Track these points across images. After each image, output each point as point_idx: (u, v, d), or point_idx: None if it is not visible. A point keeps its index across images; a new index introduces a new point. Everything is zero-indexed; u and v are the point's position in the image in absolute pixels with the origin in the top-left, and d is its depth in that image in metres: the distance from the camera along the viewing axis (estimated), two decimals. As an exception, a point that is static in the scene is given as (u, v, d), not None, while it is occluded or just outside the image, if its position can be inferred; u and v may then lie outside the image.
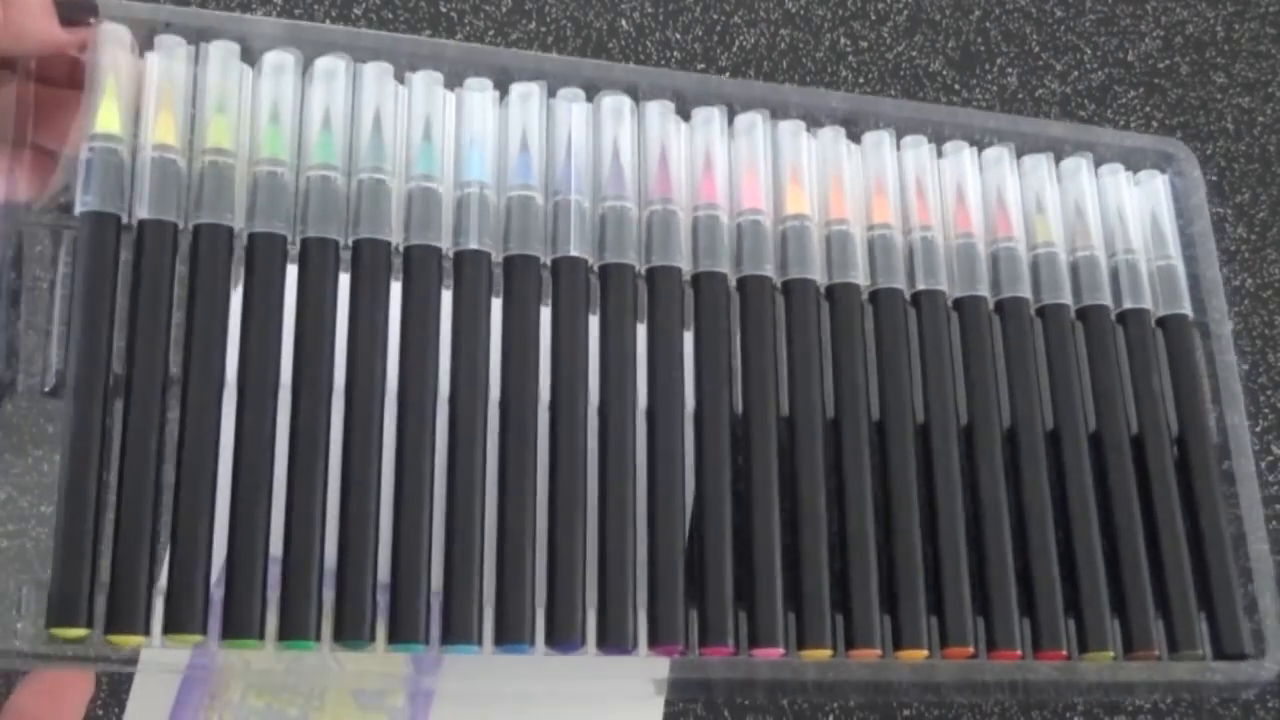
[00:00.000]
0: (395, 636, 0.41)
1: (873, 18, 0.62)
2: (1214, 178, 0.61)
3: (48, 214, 0.43)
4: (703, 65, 0.60)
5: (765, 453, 0.45)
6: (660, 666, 0.44)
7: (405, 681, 0.44)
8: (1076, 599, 0.47)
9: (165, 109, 0.43)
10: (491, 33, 0.59)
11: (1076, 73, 0.63)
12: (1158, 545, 0.49)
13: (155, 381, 0.41)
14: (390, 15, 0.60)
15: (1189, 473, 0.50)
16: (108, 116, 0.42)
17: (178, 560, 0.40)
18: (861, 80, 0.60)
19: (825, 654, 0.44)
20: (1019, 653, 0.46)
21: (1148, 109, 0.62)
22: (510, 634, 0.42)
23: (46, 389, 0.42)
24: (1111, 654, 0.47)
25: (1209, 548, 0.49)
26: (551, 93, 0.47)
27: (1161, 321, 0.52)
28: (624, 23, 0.59)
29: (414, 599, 0.41)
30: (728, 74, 0.61)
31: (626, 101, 0.48)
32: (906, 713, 0.47)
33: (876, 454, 0.47)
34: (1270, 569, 0.49)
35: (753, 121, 0.49)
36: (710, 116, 0.48)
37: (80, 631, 0.39)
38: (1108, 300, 0.51)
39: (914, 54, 0.61)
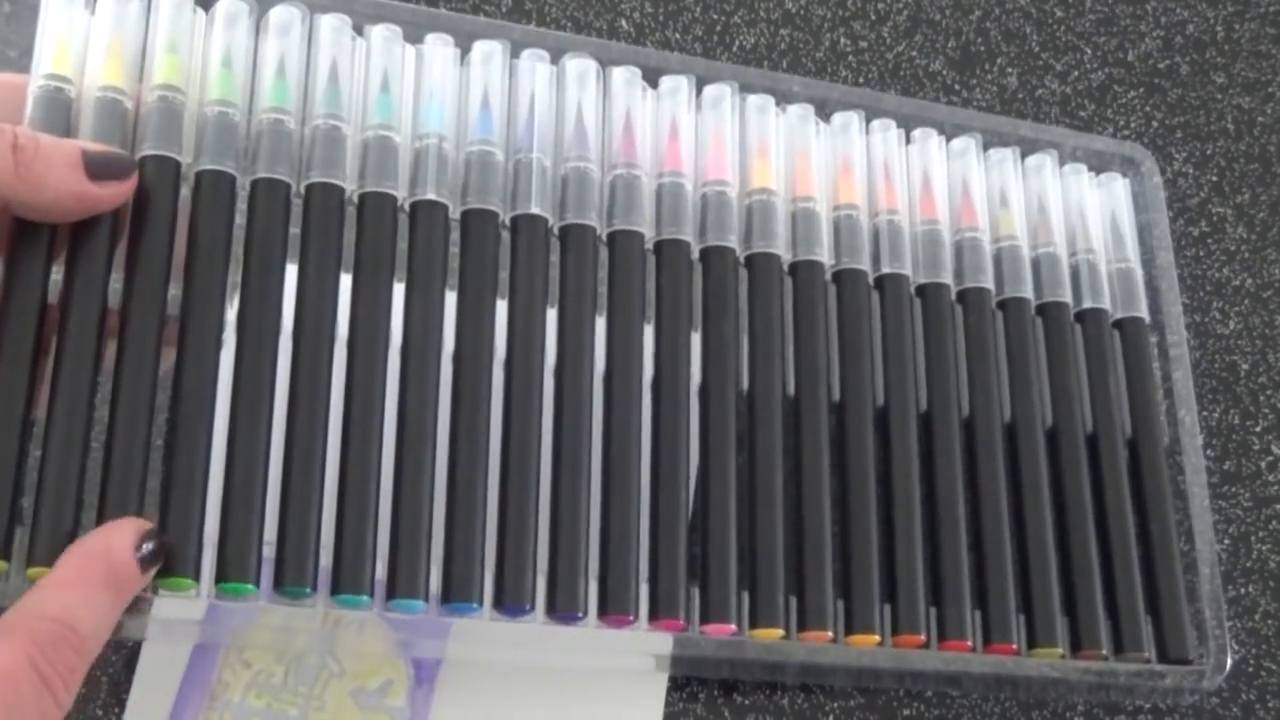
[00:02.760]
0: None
1: (873, 18, 0.61)
2: (1214, 178, 0.60)
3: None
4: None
5: (723, 421, 0.43)
6: (662, 643, 0.42)
7: (405, 682, 0.43)
8: (1028, 595, 0.45)
9: (114, 53, 0.40)
10: None
11: (1076, 73, 0.61)
12: (1109, 546, 0.47)
13: (91, 318, 0.38)
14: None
15: (1140, 475, 0.48)
16: (57, 61, 0.39)
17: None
18: (861, 80, 0.59)
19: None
20: (969, 644, 0.44)
21: (1148, 109, 0.61)
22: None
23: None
24: (1060, 652, 0.45)
25: (1157, 552, 0.47)
26: (515, 53, 0.45)
27: (1118, 323, 0.50)
28: (624, 23, 0.57)
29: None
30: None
31: (592, 65, 0.45)
32: (907, 712, 0.45)
33: (834, 437, 0.44)
34: (1217, 576, 0.48)
35: (720, 94, 0.47)
36: (678, 85, 0.46)
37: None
38: (1068, 298, 0.49)
39: (914, 54, 0.60)
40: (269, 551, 0.38)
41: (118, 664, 0.43)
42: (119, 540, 0.35)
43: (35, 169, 0.36)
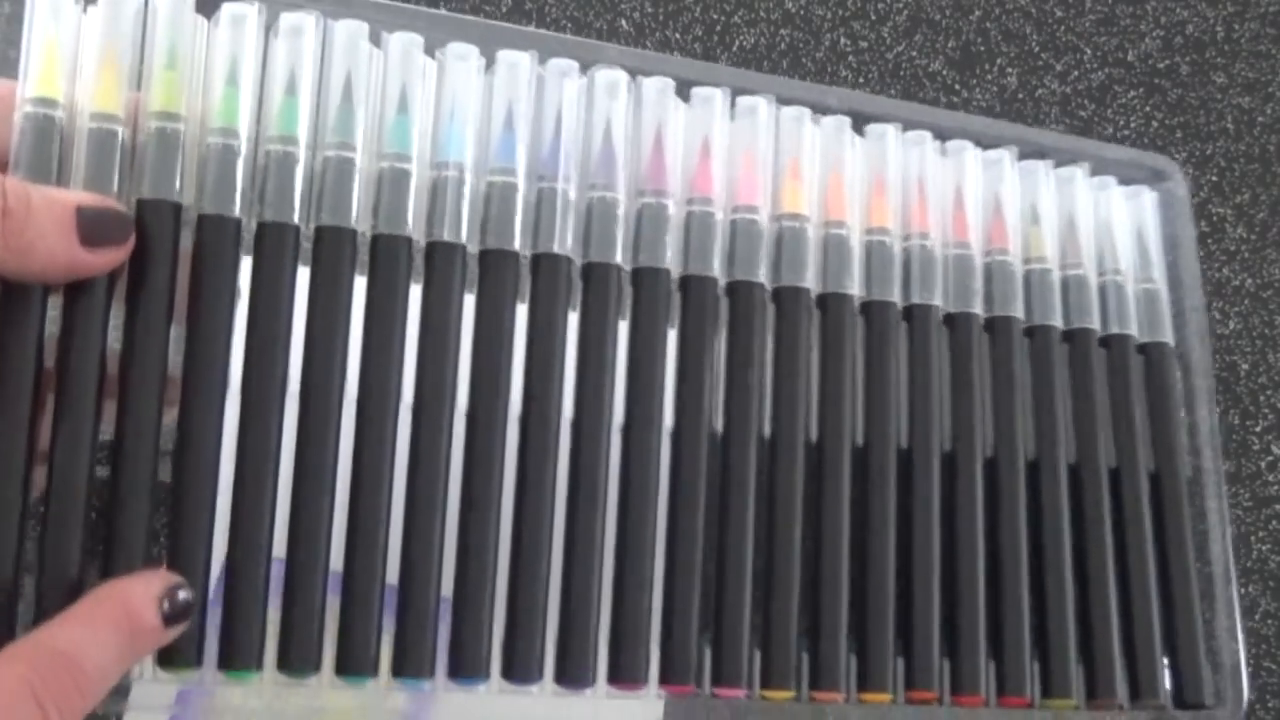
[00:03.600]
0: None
1: (873, 18, 0.59)
2: (1214, 178, 0.59)
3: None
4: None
5: (743, 471, 0.41)
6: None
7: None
8: (1044, 643, 0.44)
9: (107, 67, 0.36)
10: None
11: (1076, 73, 0.60)
12: (1128, 588, 0.45)
13: (89, 379, 0.35)
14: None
15: (1160, 511, 0.46)
16: (46, 80, 0.35)
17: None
18: (861, 80, 0.57)
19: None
20: (982, 697, 0.43)
21: (1148, 109, 0.59)
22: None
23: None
24: (1075, 703, 0.44)
25: (1176, 593, 0.46)
26: (541, 61, 0.41)
27: (1142, 348, 0.48)
28: (624, 23, 0.55)
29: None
30: None
31: (623, 77, 0.41)
32: None
33: (854, 482, 0.42)
34: (1235, 616, 0.47)
35: (754, 105, 0.43)
36: (711, 97, 0.42)
37: None
38: (1096, 324, 0.47)
39: (914, 54, 0.58)
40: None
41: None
42: (142, 590, 0.34)
43: (25, 237, 0.32)
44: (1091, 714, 0.44)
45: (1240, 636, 0.46)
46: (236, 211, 0.37)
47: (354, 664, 0.36)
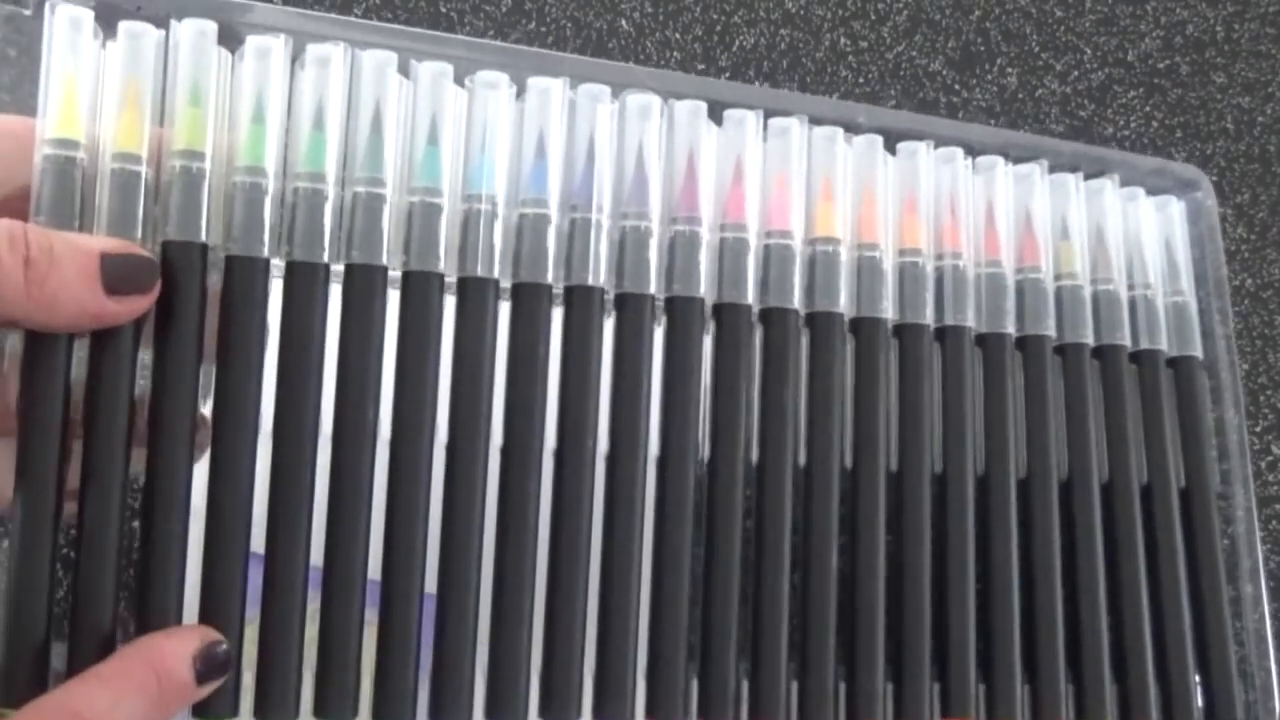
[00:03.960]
0: (380, 714, 0.36)
1: (873, 18, 0.58)
2: (1214, 178, 0.58)
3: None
4: (702, 65, 0.56)
5: (778, 504, 0.40)
6: None
7: None
8: (1078, 664, 0.43)
9: (129, 104, 0.34)
10: (491, 32, 0.54)
11: (1076, 73, 0.59)
12: (1160, 607, 0.44)
13: (118, 426, 0.34)
14: (390, 15, 0.53)
15: (1191, 528, 0.46)
16: (66, 120, 0.34)
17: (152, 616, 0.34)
18: (861, 80, 0.56)
19: None
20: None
21: (1148, 109, 0.59)
22: (504, 710, 0.36)
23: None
24: (1109, 721, 0.43)
25: (1208, 611, 0.45)
26: (572, 86, 0.40)
27: (1172, 362, 0.47)
28: (624, 22, 0.54)
29: (403, 677, 0.36)
30: (727, 74, 0.55)
31: (656, 101, 0.40)
32: None
33: (890, 508, 0.42)
34: (1267, 626, 0.46)
35: (787, 126, 0.42)
36: (744, 119, 0.41)
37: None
38: (1127, 340, 0.46)
39: (914, 54, 0.58)
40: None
41: None
42: (175, 647, 0.33)
43: (49, 288, 0.31)
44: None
45: (1271, 655, 0.46)
46: (265, 252, 0.35)
47: (391, 712, 0.36)
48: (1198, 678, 0.45)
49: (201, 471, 0.35)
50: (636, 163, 0.40)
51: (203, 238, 0.35)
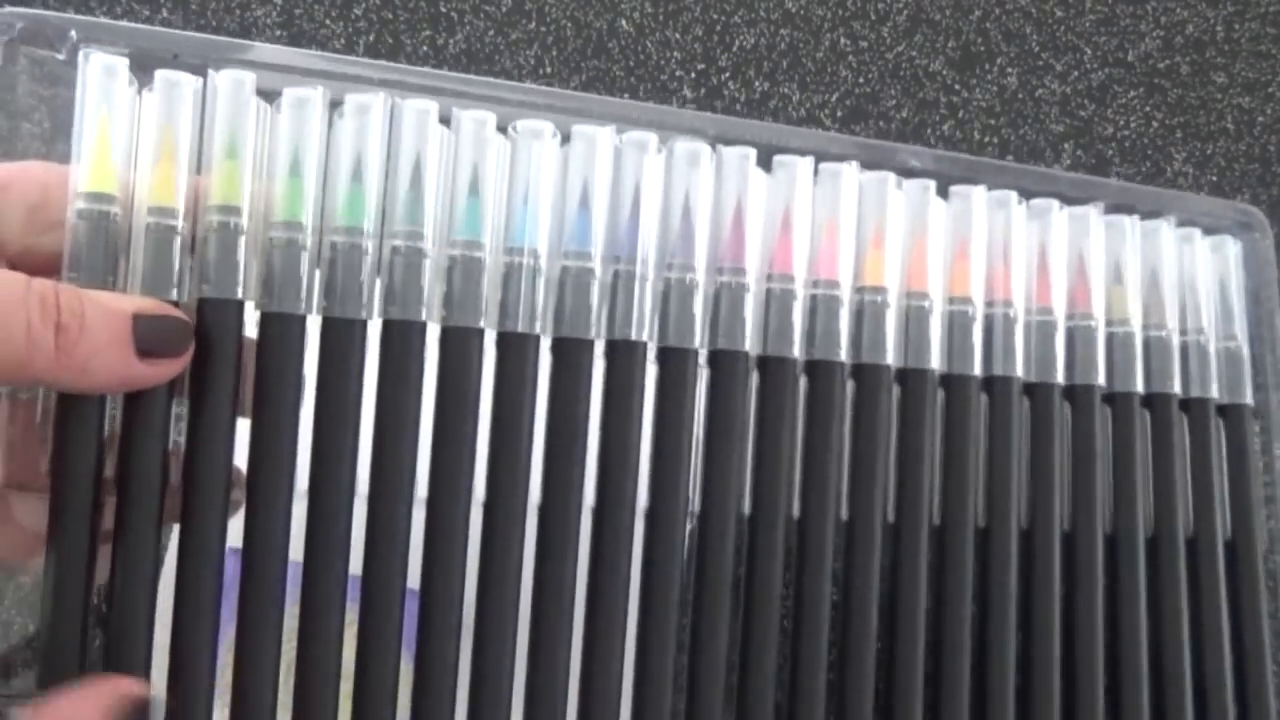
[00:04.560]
0: None
1: (873, 18, 0.57)
2: (1214, 178, 0.57)
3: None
4: (703, 65, 0.55)
5: (820, 556, 0.39)
6: None
7: None
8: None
9: (165, 158, 0.33)
10: (492, 32, 0.53)
11: (1076, 73, 0.58)
12: (1202, 665, 0.43)
13: (152, 478, 0.33)
14: (390, 15, 0.52)
15: (1236, 584, 0.44)
16: (99, 172, 0.32)
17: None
18: (861, 80, 0.55)
19: None
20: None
21: (1148, 109, 0.58)
22: None
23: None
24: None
25: (1250, 668, 0.44)
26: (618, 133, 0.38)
27: (1221, 409, 0.46)
28: (624, 23, 0.53)
29: None
30: (727, 74, 0.54)
31: (704, 149, 0.38)
32: None
33: (932, 563, 0.40)
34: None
35: (838, 171, 0.40)
36: (794, 164, 0.40)
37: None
38: (1177, 388, 0.45)
39: (914, 54, 0.57)
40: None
41: None
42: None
43: (80, 353, 0.30)
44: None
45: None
46: (301, 309, 0.34)
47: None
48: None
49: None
50: (683, 212, 0.38)
51: (239, 294, 0.34)
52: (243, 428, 0.34)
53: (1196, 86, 0.59)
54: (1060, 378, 0.43)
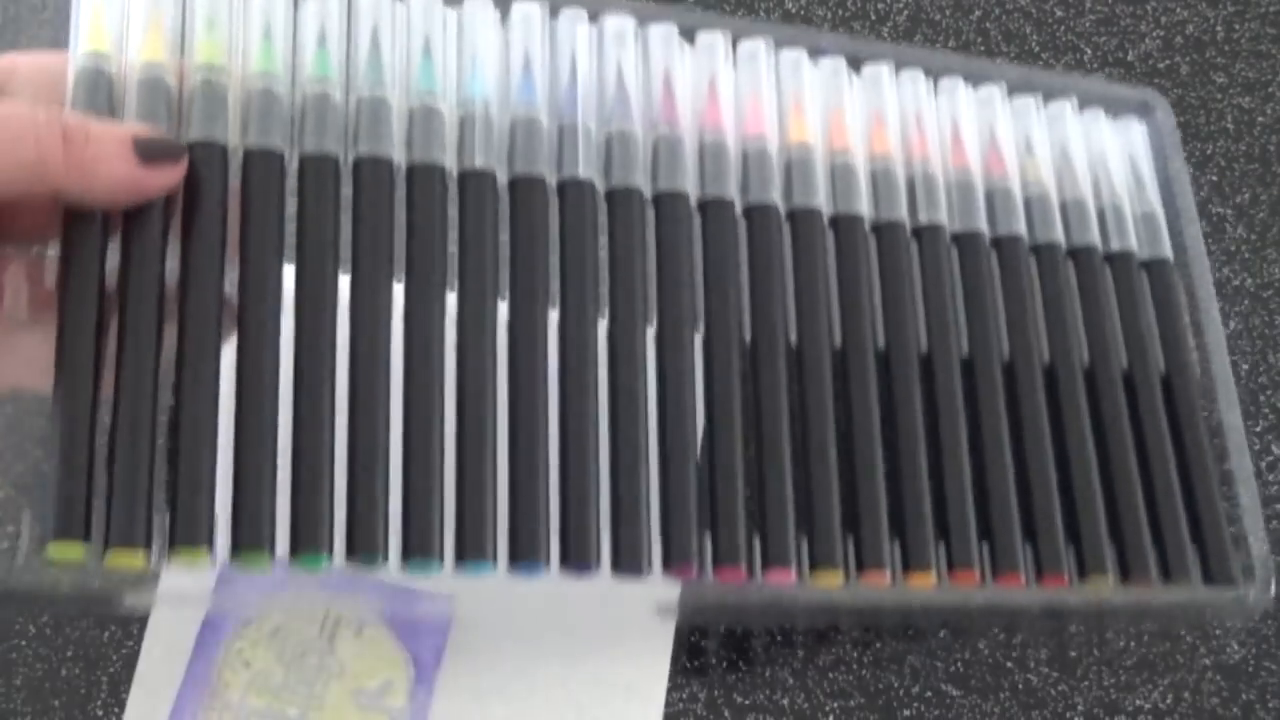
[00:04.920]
0: (408, 554, 0.37)
1: (873, 18, 0.60)
2: (1214, 178, 0.59)
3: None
4: None
5: (773, 377, 0.42)
6: (669, 592, 0.41)
7: (405, 683, 0.43)
8: (1075, 528, 0.44)
9: (153, 29, 0.38)
10: None
11: (1077, 73, 0.61)
12: (1150, 477, 0.46)
13: (150, 297, 0.36)
14: None
15: (1175, 409, 0.47)
16: (95, 37, 0.37)
17: (184, 475, 0.36)
18: None
19: (836, 577, 0.41)
20: (1021, 577, 0.43)
21: None
22: (525, 553, 0.38)
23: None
24: (1110, 580, 0.44)
25: (1196, 481, 0.46)
26: (553, 13, 0.43)
27: (1144, 265, 0.49)
28: None
29: (428, 520, 0.37)
30: None
31: (631, 23, 0.43)
32: (907, 713, 0.45)
33: (880, 383, 0.43)
34: (1256, 501, 0.47)
35: (755, 49, 0.45)
36: (714, 42, 0.44)
37: (78, 549, 0.34)
38: (1098, 242, 0.48)
39: None
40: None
41: (118, 664, 0.43)
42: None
43: (86, 158, 0.34)
44: (1127, 592, 0.44)
45: (1263, 528, 0.46)
46: (280, 144, 0.38)
47: (419, 550, 0.37)
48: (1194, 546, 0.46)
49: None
50: (617, 81, 0.43)
51: (226, 139, 0.38)
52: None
53: (1196, 86, 0.61)
54: (985, 228, 0.47)
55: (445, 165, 0.40)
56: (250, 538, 0.35)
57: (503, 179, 0.41)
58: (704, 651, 0.45)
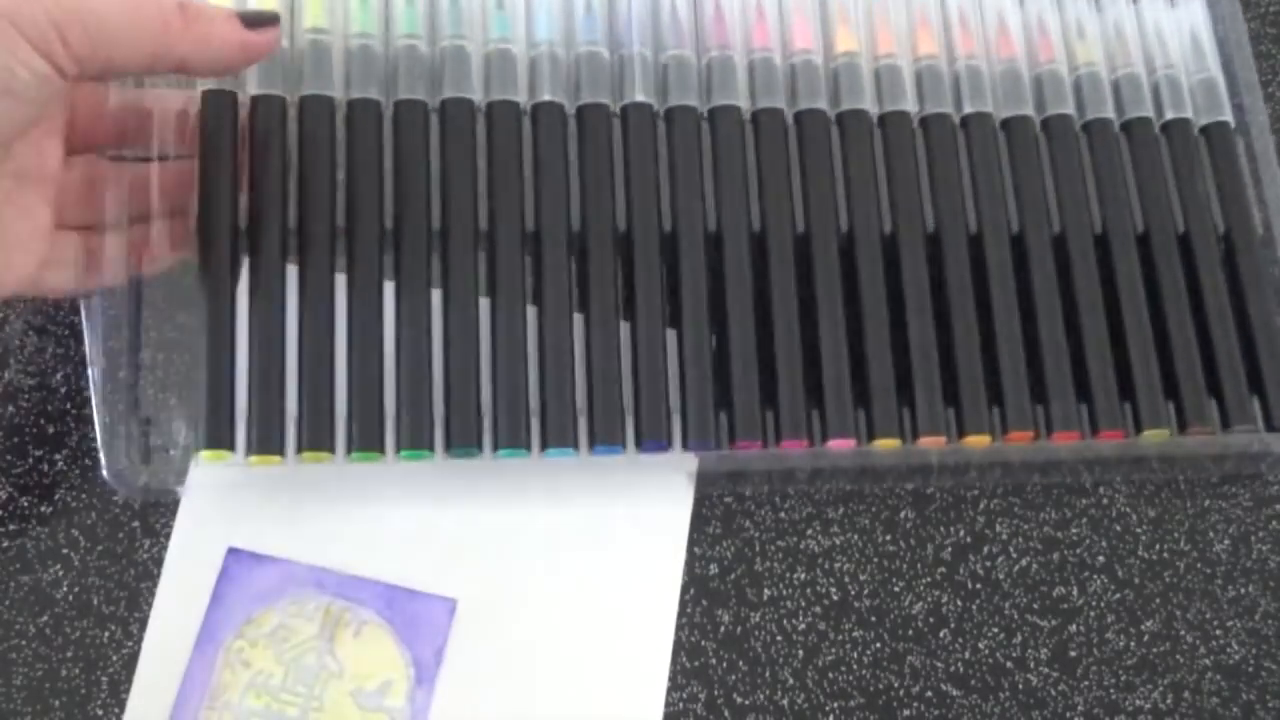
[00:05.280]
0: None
1: None
2: None
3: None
4: None
5: (829, 266, 0.46)
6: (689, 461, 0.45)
7: (405, 683, 0.43)
8: (1131, 384, 0.47)
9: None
10: None
11: None
12: (1208, 332, 0.48)
13: (275, 229, 0.43)
14: None
15: (1236, 264, 0.49)
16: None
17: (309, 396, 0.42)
18: None
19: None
20: (1079, 434, 0.46)
21: None
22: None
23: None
24: (1167, 432, 0.46)
25: (1258, 332, 0.48)
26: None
27: (1204, 130, 0.51)
28: None
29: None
30: None
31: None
32: (907, 713, 0.46)
33: (931, 262, 0.47)
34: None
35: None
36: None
37: (225, 455, 0.41)
38: (1150, 113, 0.50)
39: None
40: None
41: (118, 664, 0.43)
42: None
43: (200, 27, 0.39)
44: (1189, 440, 0.47)
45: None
46: (377, 95, 0.45)
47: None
48: (1256, 395, 0.48)
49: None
50: (670, 11, 0.48)
51: (331, 92, 0.45)
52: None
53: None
54: (1031, 111, 0.50)
55: (519, 101, 0.46)
56: (366, 441, 0.42)
57: (570, 109, 0.47)
58: (704, 651, 0.45)
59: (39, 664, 0.44)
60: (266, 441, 0.42)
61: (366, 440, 0.42)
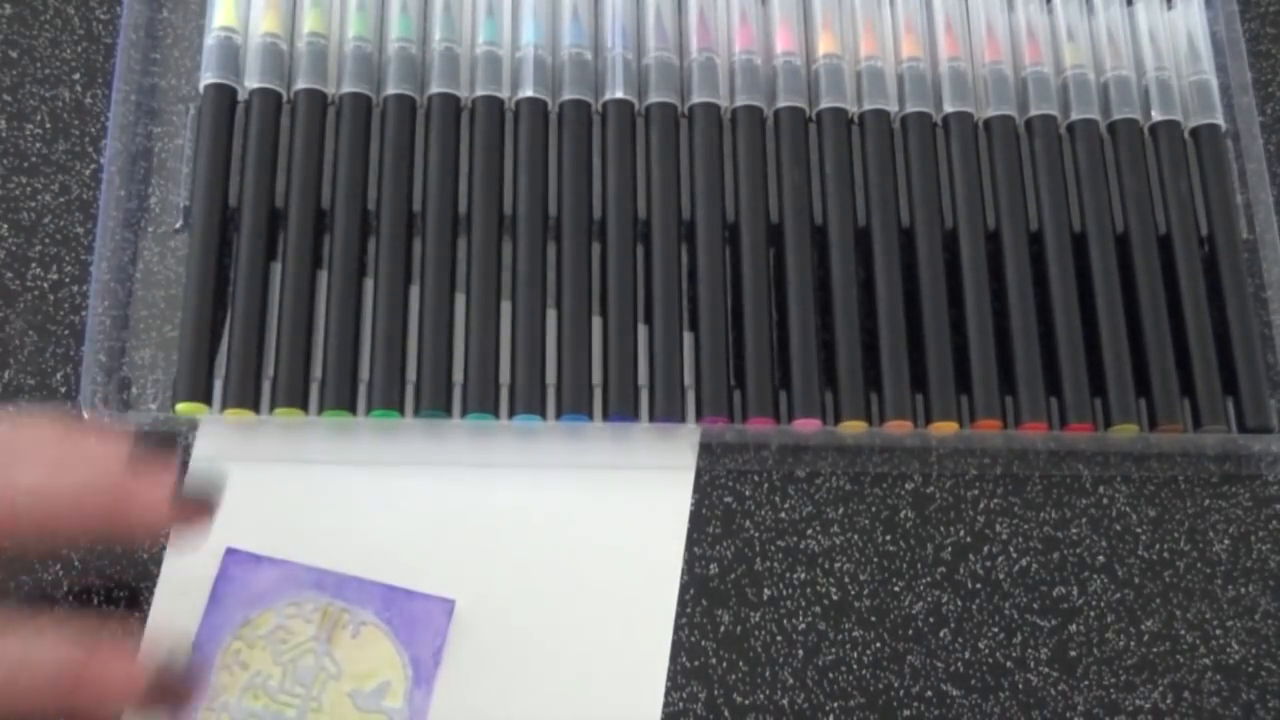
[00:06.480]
0: (468, 409, 0.44)
1: None
2: None
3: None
4: None
5: (801, 256, 0.47)
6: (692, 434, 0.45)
7: (403, 684, 0.43)
8: (1103, 379, 0.47)
9: (271, 9, 0.47)
10: None
11: None
12: (1184, 331, 0.47)
13: (263, 210, 0.45)
14: None
15: (1217, 266, 0.49)
16: (226, 12, 0.47)
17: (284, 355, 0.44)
18: None
19: (861, 426, 0.45)
20: (1046, 425, 0.46)
21: None
22: (571, 406, 0.44)
23: (177, 226, 0.46)
24: (1136, 427, 0.46)
25: (1235, 334, 0.47)
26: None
27: (1194, 132, 0.51)
28: None
29: (488, 377, 0.44)
30: None
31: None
32: (907, 713, 0.45)
33: (904, 257, 0.48)
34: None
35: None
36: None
37: (201, 408, 0.43)
38: (1136, 114, 0.50)
39: None
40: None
41: None
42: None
43: (133, 520, 0.37)
44: (1158, 437, 0.46)
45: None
46: (368, 91, 0.47)
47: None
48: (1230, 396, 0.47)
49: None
50: (655, 17, 0.49)
51: (326, 88, 0.47)
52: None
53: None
54: (1014, 111, 0.50)
55: (504, 97, 0.48)
56: (337, 400, 0.44)
57: (554, 107, 0.48)
58: (704, 651, 0.45)
59: (39, 664, 0.44)
60: (242, 396, 0.43)
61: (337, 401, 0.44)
